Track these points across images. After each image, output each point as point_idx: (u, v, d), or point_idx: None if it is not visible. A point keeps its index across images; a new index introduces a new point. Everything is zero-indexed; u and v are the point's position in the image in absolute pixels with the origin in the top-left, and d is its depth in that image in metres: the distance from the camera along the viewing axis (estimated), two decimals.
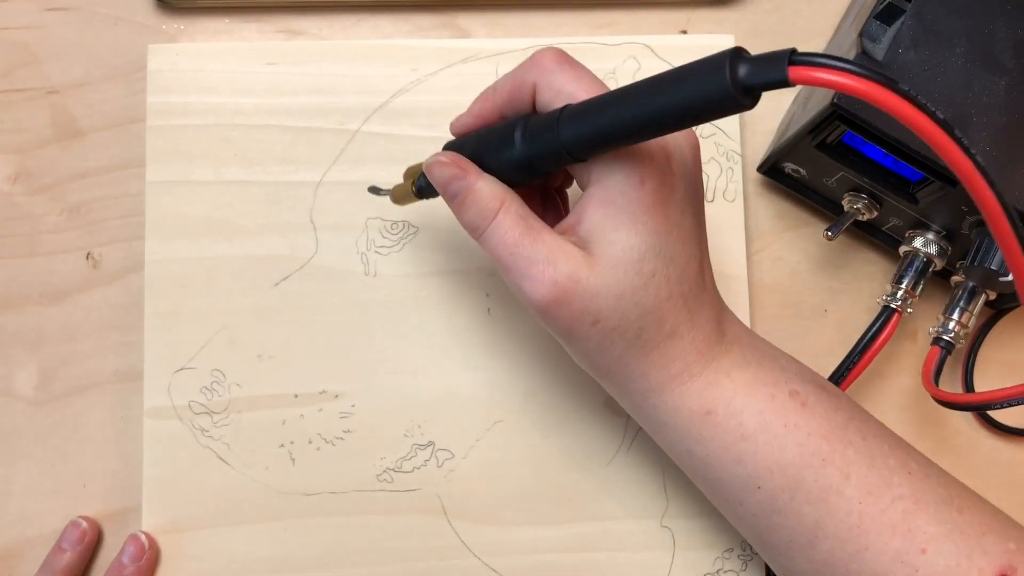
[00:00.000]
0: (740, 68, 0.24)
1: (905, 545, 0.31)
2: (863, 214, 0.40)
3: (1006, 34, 0.37)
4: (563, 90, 0.31)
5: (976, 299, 0.40)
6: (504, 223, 0.31)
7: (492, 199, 0.32)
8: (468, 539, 0.41)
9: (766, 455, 0.32)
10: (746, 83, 0.24)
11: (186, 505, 0.41)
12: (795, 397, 0.33)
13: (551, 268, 0.30)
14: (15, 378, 0.42)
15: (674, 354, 0.32)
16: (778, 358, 0.35)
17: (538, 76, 0.32)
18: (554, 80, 0.31)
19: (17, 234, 0.43)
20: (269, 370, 0.41)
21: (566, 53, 0.32)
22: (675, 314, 0.32)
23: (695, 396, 0.33)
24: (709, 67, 0.25)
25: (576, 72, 0.31)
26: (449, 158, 0.33)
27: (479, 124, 0.34)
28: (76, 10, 0.44)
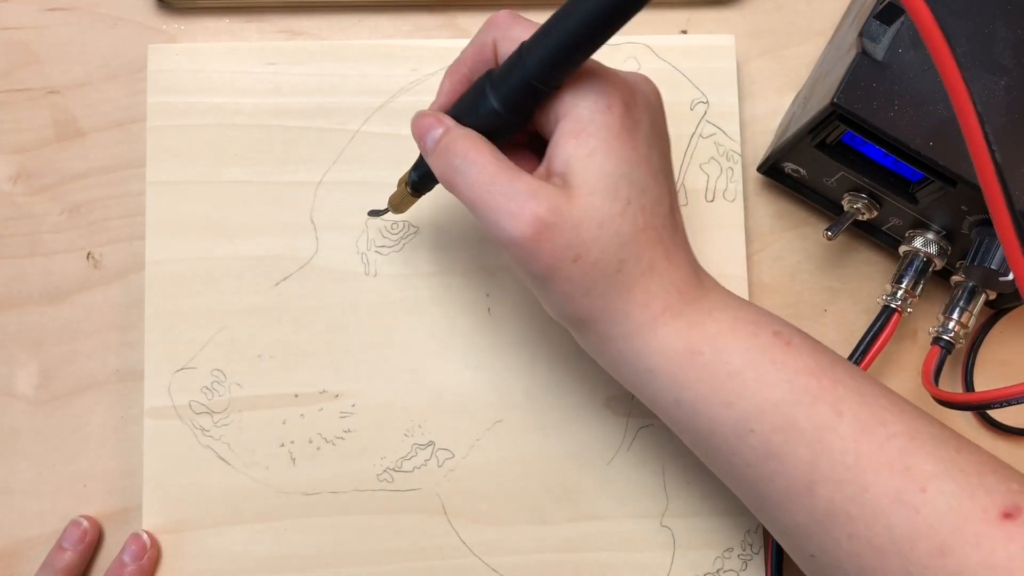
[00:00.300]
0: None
1: (904, 484, 0.30)
2: (863, 214, 0.40)
3: (1006, 34, 0.37)
4: (520, 38, 0.31)
5: (976, 299, 0.40)
6: (478, 162, 0.31)
7: (464, 140, 0.32)
8: (468, 538, 0.41)
9: (755, 392, 0.31)
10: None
11: (186, 505, 0.41)
12: (779, 336, 0.33)
13: (532, 202, 0.30)
14: (15, 378, 0.42)
15: (654, 291, 0.32)
16: (755, 305, 0.35)
17: (496, 34, 0.33)
18: (511, 33, 0.32)
19: (17, 234, 0.43)
20: (269, 370, 0.41)
21: (517, 13, 0.33)
22: (651, 248, 0.32)
23: (680, 336, 0.32)
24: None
25: (531, 24, 0.32)
26: (428, 112, 0.34)
27: (452, 100, 0.35)
28: (76, 10, 0.44)
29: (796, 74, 0.45)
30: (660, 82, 0.43)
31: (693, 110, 0.43)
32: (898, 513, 0.30)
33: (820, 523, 0.31)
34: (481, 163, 0.31)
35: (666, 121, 0.34)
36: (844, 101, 0.36)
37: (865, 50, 0.37)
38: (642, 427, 0.42)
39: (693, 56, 0.44)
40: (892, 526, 0.30)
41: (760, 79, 0.45)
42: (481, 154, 0.31)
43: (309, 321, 0.42)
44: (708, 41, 0.44)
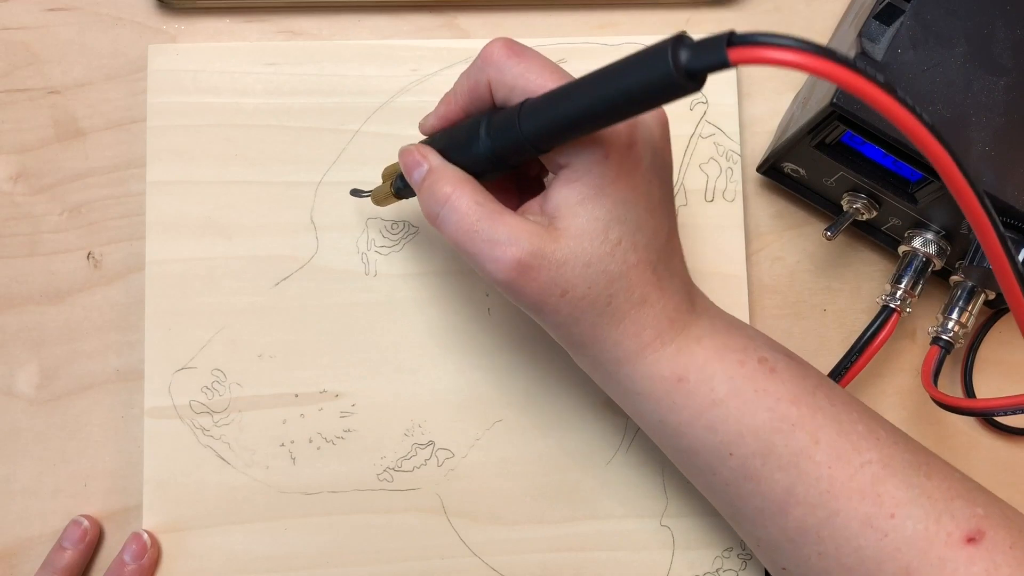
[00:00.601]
0: (682, 54, 0.24)
1: (874, 510, 0.31)
2: (862, 214, 0.41)
3: (1005, 34, 0.37)
4: (516, 85, 0.31)
5: (975, 299, 0.40)
6: (459, 207, 0.32)
7: (445, 184, 0.32)
8: (468, 538, 0.41)
9: (737, 420, 0.32)
10: (689, 68, 0.24)
11: (186, 504, 0.41)
12: (764, 363, 0.33)
13: (513, 247, 0.31)
14: (16, 378, 0.42)
15: (645, 322, 0.33)
16: (745, 329, 0.35)
17: (491, 74, 0.32)
18: (506, 75, 0.32)
19: (18, 234, 0.43)
20: (269, 370, 0.41)
21: (513, 43, 0.33)
22: (644, 281, 0.32)
23: (667, 363, 0.33)
24: (653, 55, 0.25)
25: (526, 63, 0.32)
26: (414, 147, 0.35)
27: (444, 125, 0.35)
28: (76, 10, 0.44)
29: (796, 74, 0.45)
30: None
31: (692, 110, 0.43)
32: (867, 536, 0.31)
33: (792, 541, 0.33)
34: (462, 209, 0.32)
35: (670, 146, 0.34)
36: (844, 101, 0.36)
37: (864, 50, 0.37)
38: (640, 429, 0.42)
39: None
40: (861, 548, 0.31)
41: (760, 79, 0.45)
42: (462, 199, 0.32)
43: (309, 321, 0.42)
44: None
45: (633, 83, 0.26)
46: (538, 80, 0.31)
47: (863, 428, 0.33)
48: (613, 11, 0.45)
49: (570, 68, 0.43)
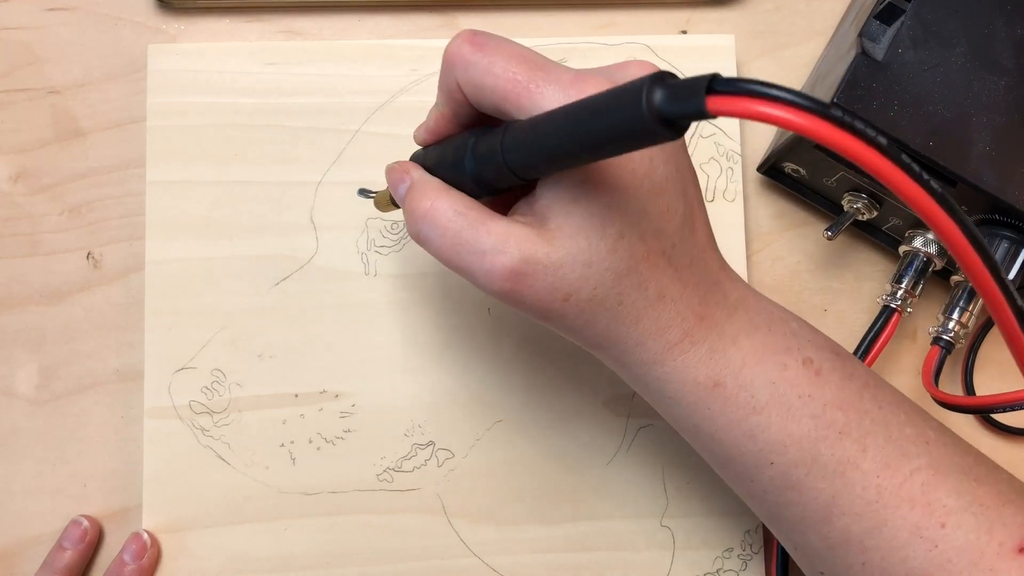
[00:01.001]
0: (656, 96, 0.22)
1: (924, 519, 0.30)
2: (863, 214, 0.41)
3: (1006, 34, 0.37)
4: (484, 83, 0.29)
5: (976, 299, 0.40)
6: (440, 220, 0.29)
7: (424, 198, 0.30)
8: (468, 538, 0.41)
9: (779, 428, 0.30)
10: (664, 114, 0.22)
11: (186, 505, 0.41)
12: (808, 366, 0.31)
13: (502, 256, 0.28)
14: (15, 378, 0.42)
15: (668, 320, 0.30)
16: (788, 321, 0.32)
17: (458, 76, 0.30)
18: (472, 74, 0.29)
19: (17, 234, 0.43)
20: (269, 370, 0.41)
21: (474, 35, 0.30)
22: (658, 274, 0.29)
23: (700, 366, 0.30)
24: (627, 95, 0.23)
25: (490, 55, 0.29)
26: (399, 163, 0.33)
27: (435, 138, 0.33)
28: (76, 10, 0.44)
29: (796, 74, 0.45)
30: None
31: None
32: (916, 547, 0.30)
33: (833, 549, 0.31)
34: (443, 222, 0.29)
35: None
36: (844, 101, 0.36)
37: (865, 50, 0.37)
38: (642, 427, 0.42)
39: (693, 56, 0.44)
40: (908, 559, 0.30)
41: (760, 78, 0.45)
42: (442, 211, 0.29)
43: (309, 321, 0.42)
44: (708, 41, 0.44)
45: (607, 126, 0.24)
46: (505, 71, 0.28)
47: (912, 431, 0.31)
48: (613, 11, 0.45)
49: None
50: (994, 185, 0.35)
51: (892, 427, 0.31)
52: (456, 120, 0.32)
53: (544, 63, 0.29)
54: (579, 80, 0.28)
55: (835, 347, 0.33)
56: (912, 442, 0.31)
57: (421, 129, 0.34)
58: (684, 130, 0.22)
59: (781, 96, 0.20)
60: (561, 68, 0.29)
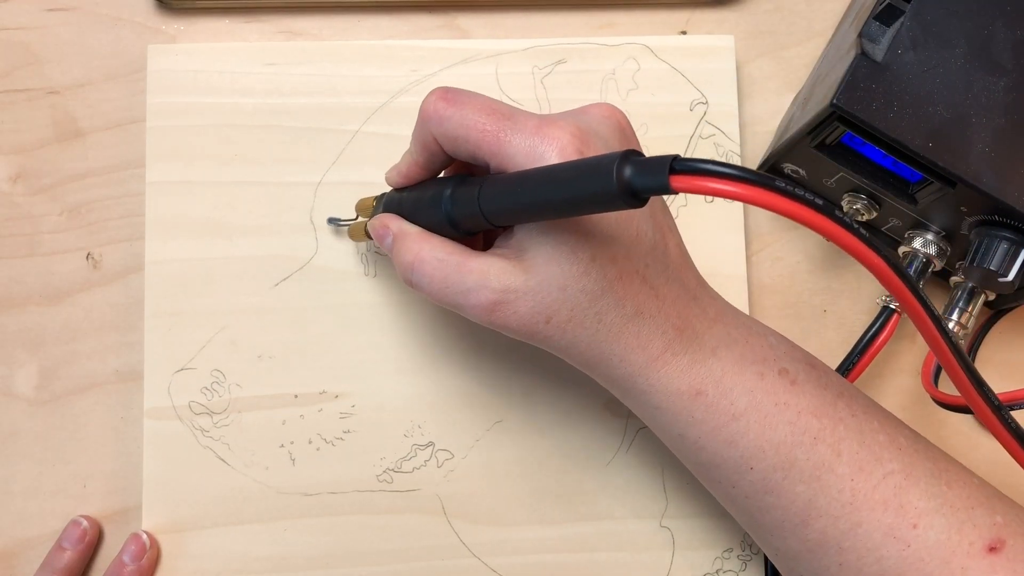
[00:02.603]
0: (626, 171, 0.25)
1: (897, 520, 0.31)
2: (862, 215, 0.41)
3: (1005, 35, 0.37)
4: (458, 135, 0.32)
5: (975, 299, 0.40)
6: (425, 269, 0.32)
7: (407, 251, 0.33)
8: (468, 539, 0.41)
9: (757, 435, 0.32)
10: (632, 189, 0.25)
11: (186, 505, 0.41)
12: (784, 375, 0.33)
13: (485, 291, 0.31)
14: (15, 378, 0.42)
15: (647, 334, 0.32)
16: (766, 335, 0.34)
17: (433, 129, 0.33)
18: (447, 127, 0.32)
19: (17, 234, 0.43)
20: (269, 370, 0.41)
21: (447, 91, 0.33)
22: (633, 292, 0.31)
23: (682, 376, 0.32)
24: (601, 167, 0.26)
25: (462, 108, 0.32)
26: (379, 218, 0.36)
27: (407, 183, 0.36)
28: (76, 10, 0.44)
29: (795, 75, 0.45)
30: (660, 83, 0.43)
31: (692, 111, 0.43)
32: (889, 547, 0.31)
33: (812, 552, 0.33)
34: (428, 271, 0.32)
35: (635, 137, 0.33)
36: (844, 102, 0.36)
37: (864, 51, 0.37)
38: (641, 428, 0.42)
39: (692, 56, 0.44)
40: (883, 558, 0.32)
41: (760, 80, 0.45)
42: (426, 260, 0.32)
43: (309, 321, 0.42)
44: (708, 41, 0.44)
45: (579, 194, 0.27)
46: (476, 123, 0.31)
47: (884, 438, 0.33)
48: (613, 11, 0.45)
49: (570, 68, 0.43)
50: (993, 186, 0.35)
51: (865, 433, 0.33)
52: (428, 167, 0.35)
53: (511, 113, 0.31)
54: (543, 126, 0.31)
55: (811, 359, 0.35)
56: (885, 448, 0.33)
57: (393, 172, 0.36)
58: (646, 201, 0.25)
59: (732, 174, 0.24)
60: (527, 116, 0.31)
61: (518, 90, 0.43)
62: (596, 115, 0.32)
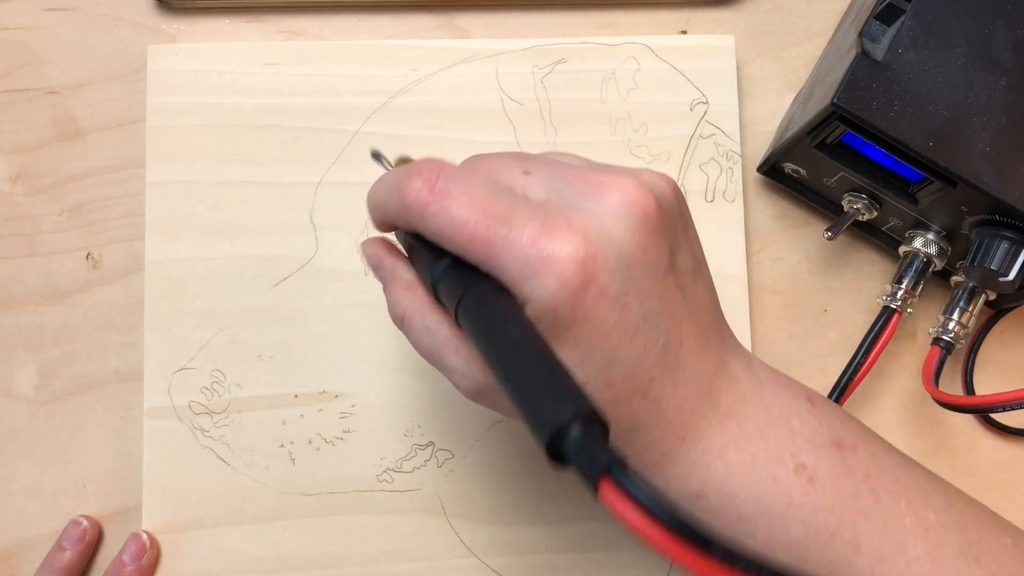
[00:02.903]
0: (570, 435, 0.21)
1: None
2: (863, 214, 0.40)
3: (1006, 34, 0.37)
4: (443, 237, 0.27)
5: (976, 299, 0.40)
6: (411, 332, 0.30)
7: (396, 305, 0.30)
8: (468, 539, 0.41)
9: (766, 536, 0.29)
10: (564, 453, 0.21)
11: (186, 505, 0.41)
12: (802, 473, 0.29)
13: (467, 379, 0.28)
14: (15, 378, 0.42)
15: (644, 446, 0.28)
16: (788, 418, 0.30)
17: (414, 223, 0.28)
18: (430, 227, 0.27)
19: (17, 234, 0.43)
20: (269, 370, 0.41)
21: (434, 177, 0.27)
22: (630, 411, 0.28)
23: (681, 482, 0.29)
24: (551, 409, 0.22)
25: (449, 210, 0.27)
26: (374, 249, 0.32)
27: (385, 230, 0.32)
28: (76, 10, 0.44)
29: (796, 74, 0.45)
30: (660, 82, 0.43)
31: (693, 110, 0.43)
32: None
33: None
34: (416, 334, 0.30)
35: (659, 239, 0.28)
36: (844, 101, 0.36)
37: (865, 50, 0.37)
38: None
39: (693, 56, 0.44)
40: None
41: (760, 79, 0.45)
42: (415, 325, 0.29)
43: (309, 321, 0.42)
44: (708, 41, 0.44)
45: (522, 405, 0.23)
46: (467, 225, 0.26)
47: (911, 521, 0.30)
48: (613, 11, 0.45)
49: (570, 68, 0.43)
50: (994, 185, 0.35)
51: (890, 520, 0.30)
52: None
53: (508, 213, 0.26)
54: (543, 237, 0.26)
55: (836, 436, 0.31)
56: (910, 532, 0.30)
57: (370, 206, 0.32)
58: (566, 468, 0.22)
59: (648, 506, 0.20)
60: (526, 218, 0.26)
61: (518, 90, 0.43)
62: (615, 207, 0.27)
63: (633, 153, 0.43)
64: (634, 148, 0.43)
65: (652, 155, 0.43)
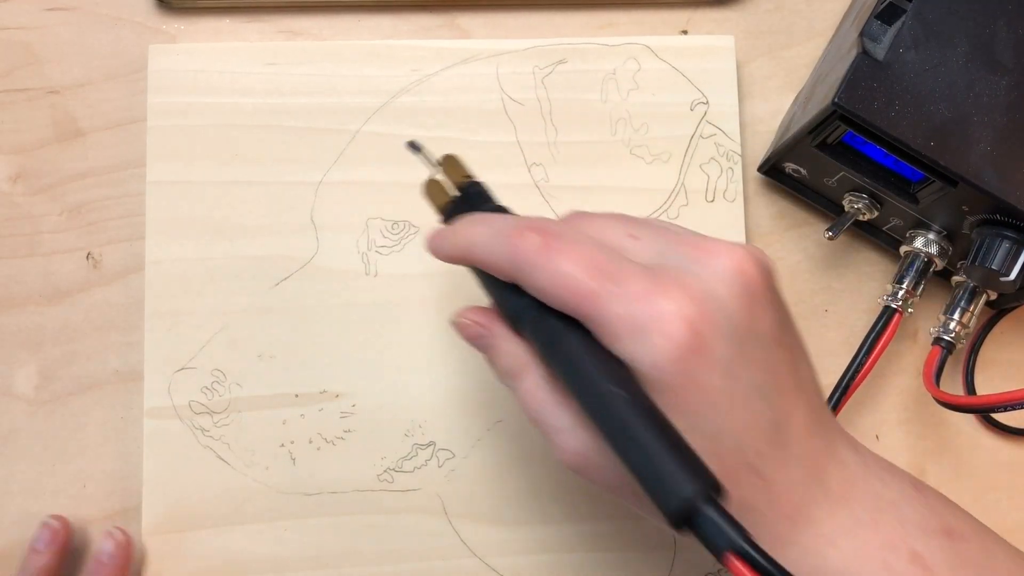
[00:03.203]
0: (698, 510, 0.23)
1: None
2: (864, 214, 0.40)
3: (1007, 34, 0.37)
4: (547, 292, 0.27)
5: (977, 299, 0.40)
6: (523, 387, 0.29)
7: (512, 361, 0.30)
8: (469, 539, 0.41)
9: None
10: (694, 525, 0.23)
11: (186, 505, 0.41)
12: (916, 561, 0.28)
13: (572, 439, 0.28)
14: (15, 378, 0.42)
15: (754, 528, 0.26)
16: (899, 505, 0.29)
17: (521, 275, 0.27)
18: (538, 281, 0.27)
19: (17, 234, 0.43)
20: (269, 370, 0.41)
21: (547, 232, 0.27)
22: (740, 488, 0.27)
23: (792, 565, 0.27)
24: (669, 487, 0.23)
25: (559, 265, 0.26)
26: (472, 317, 0.31)
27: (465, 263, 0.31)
28: (76, 10, 0.44)
29: (796, 74, 0.45)
30: (660, 82, 0.43)
31: (693, 110, 0.43)
32: None
33: None
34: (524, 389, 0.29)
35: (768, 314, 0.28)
36: (845, 101, 0.36)
37: (866, 50, 0.37)
38: None
39: (693, 56, 0.44)
40: None
41: (760, 79, 0.45)
42: (524, 380, 0.29)
43: (309, 321, 0.42)
44: (708, 41, 0.44)
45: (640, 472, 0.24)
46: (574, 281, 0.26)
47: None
48: (613, 11, 0.45)
49: (571, 68, 0.43)
50: (995, 185, 0.35)
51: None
52: None
53: (616, 269, 0.26)
54: (653, 293, 0.26)
55: (946, 524, 0.30)
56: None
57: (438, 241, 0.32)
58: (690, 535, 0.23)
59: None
60: (635, 276, 0.26)
61: (519, 90, 0.43)
62: (722, 270, 0.27)
63: (634, 153, 0.43)
64: (634, 148, 0.43)
65: (652, 155, 0.43)
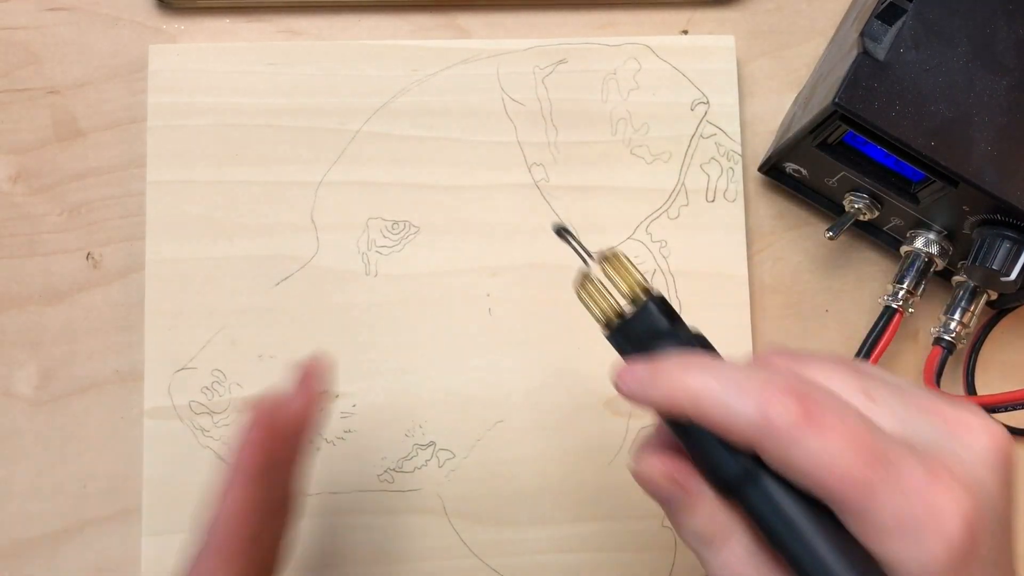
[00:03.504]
0: None
1: None
2: (864, 214, 0.40)
3: (1007, 34, 0.37)
4: (806, 472, 0.23)
5: (977, 299, 0.39)
6: (721, 557, 0.26)
7: (712, 526, 0.26)
8: (469, 539, 0.41)
9: None
10: None
11: (186, 505, 0.40)
12: None
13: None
14: (15, 378, 0.42)
15: None
16: None
17: (771, 448, 0.23)
18: (793, 459, 0.23)
19: (17, 234, 0.43)
20: (270, 370, 0.41)
21: (807, 400, 0.23)
22: None
23: None
24: None
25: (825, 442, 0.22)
26: (664, 470, 0.27)
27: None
28: (76, 10, 0.44)
29: (797, 74, 0.45)
30: (661, 82, 0.43)
31: (694, 110, 0.43)
32: None
33: None
34: (723, 560, 0.26)
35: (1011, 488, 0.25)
36: (845, 101, 0.36)
37: (866, 50, 0.37)
38: (643, 428, 0.42)
39: (694, 56, 0.44)
40: None
41: (761, 79, 0.45)
42: (724, 549, 0.26)
43: (309, 321, 0.42)
44: (709, 41, 0.44)
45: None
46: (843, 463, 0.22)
47: None
48: (613, 11, 0.45)
49: (571, 68, 0.43)
50: (996, 185, 0.35)
51: None
52: None
53: (885, 450, 0.23)
54: (932, 486, 0.22)
55: None
56: None
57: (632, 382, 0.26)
58: None
59: None
60: (906, 460, 0.23)
61: (519, 90, 0.43)
62: (984, 452, 0.24)
63: (634, 153, 0.43)
64: (635, 148, 0.43)
65: (653, 155, 0.43)
